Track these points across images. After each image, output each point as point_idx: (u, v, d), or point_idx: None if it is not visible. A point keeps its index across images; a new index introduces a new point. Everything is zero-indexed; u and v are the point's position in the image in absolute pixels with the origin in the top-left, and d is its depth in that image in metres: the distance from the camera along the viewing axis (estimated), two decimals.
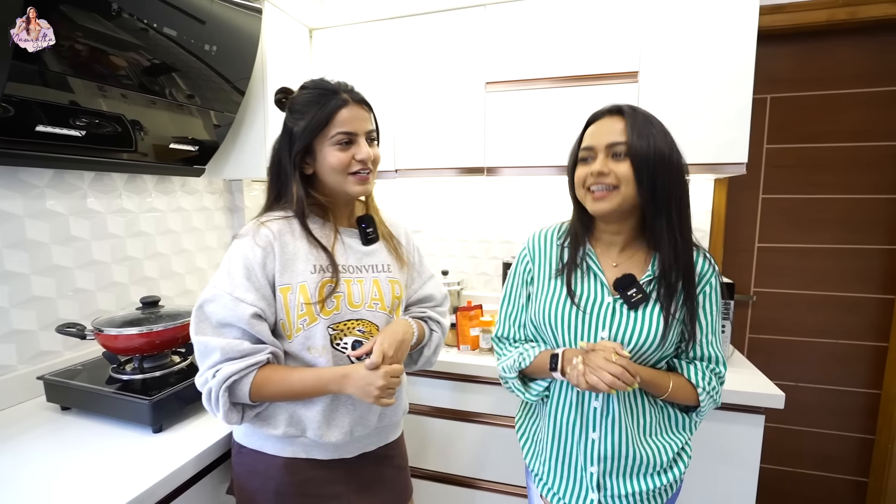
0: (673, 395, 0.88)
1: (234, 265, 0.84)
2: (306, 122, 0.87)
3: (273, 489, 0.89)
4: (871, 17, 1.58)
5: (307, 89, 0.91)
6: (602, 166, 0.83)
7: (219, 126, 1.49)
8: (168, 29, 1.14)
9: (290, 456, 0.90)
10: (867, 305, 1.80)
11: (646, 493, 0.90)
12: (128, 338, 1.05)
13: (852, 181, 1.76)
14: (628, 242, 0.91)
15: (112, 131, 1.17)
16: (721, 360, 0.91)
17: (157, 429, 0.98)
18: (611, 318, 0.86)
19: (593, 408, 0.88)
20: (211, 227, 1.73)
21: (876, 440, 1.84)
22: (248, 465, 0.91)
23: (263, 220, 0.89)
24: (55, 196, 1.21)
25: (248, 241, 0.86)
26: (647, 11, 1.45)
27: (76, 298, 1.26)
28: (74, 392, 1.06)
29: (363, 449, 0.96)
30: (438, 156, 1.72)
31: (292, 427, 0.87)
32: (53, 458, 0.89)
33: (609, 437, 0.87)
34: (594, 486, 0.90)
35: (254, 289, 0.83)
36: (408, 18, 1.69)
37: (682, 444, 0.92)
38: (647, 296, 0.85)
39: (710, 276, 0.89)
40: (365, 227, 0.97)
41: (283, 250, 0.86)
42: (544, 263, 0.95)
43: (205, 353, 0.81)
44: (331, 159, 0.88)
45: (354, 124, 0.88)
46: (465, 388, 1.50)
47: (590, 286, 0.89)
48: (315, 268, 0.87)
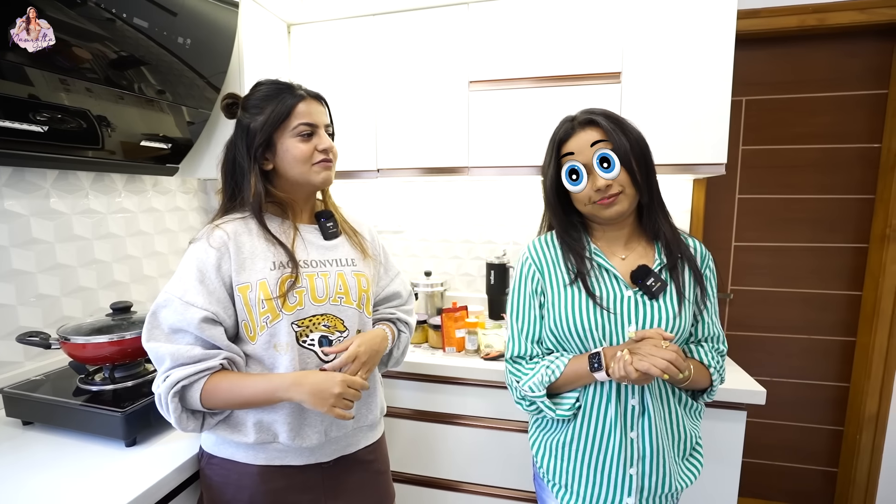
0: (694, 380, 0.86)
1: (187, 269, 0.82)
2: (266, 116, 0.87)
3: (247, 499, 0.86)
4: (838, 23, 1.64)
5: (262, 86, 0.91)
6: (603, 182, 0.84)
7: (193, 123, 1.42)
8: (138, 20, 1.09)
9: (264, 463, 0.87)
10: (837, 302, 1.87)
11: (676, 493, 0.91)
12: (97, 346, 0.99)
13: (823, 182, 1.82)
14: (631, 236, 0.93)
15: (76, 127, 1.10)
16: (722, 338, 0.94)
17: (130, 442, 0.93)
18: (634, 312, 0.86)
19: (631, 406, 0.87)
20: (185, 229, 1.66)
21: (845, 431, 1.91)
22: (219, 475, 0.87)
23: (218, 223, 0.87)
24: (14, 196, 1.14)
25: (202, 245, 0.84)
26: (630, 13, 1.46)
27: (39, 305, 1.18)
28: (38, 405, 0.99)
29: (341, 452, 0.94)
30: (421, 155, 1.69)
31: (263, 433, 0.84)
32: (15, 477, 0.83)
33: (648, 435, 0.86)
34: (632, 489, 0.88)
35: (206, 292, 0.80)
36: (390, 15, 1.66)
37: (697, 433, 0.95)
38: (665, 283, 0.86)
39: (709, 259, 0.94)
40: (325, 220, 0.97)
41: (240, 250, 0.84)
42: (554, 270, 0.93)
43: (157, 359, 0.80)
44: (294, 151, 0.88)
45: (315, 116, 0.90)
46: (451, 390, 1.48)
47: (607, 284, 0.88)
48: (274, 264, 0.85)
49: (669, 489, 0.89)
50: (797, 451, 1.97)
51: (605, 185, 0.84)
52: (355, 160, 1.74)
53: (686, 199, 1.84)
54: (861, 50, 1.72)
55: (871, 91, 1.73)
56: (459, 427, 1.49)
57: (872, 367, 1.78)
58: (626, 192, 0.85)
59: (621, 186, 0.85)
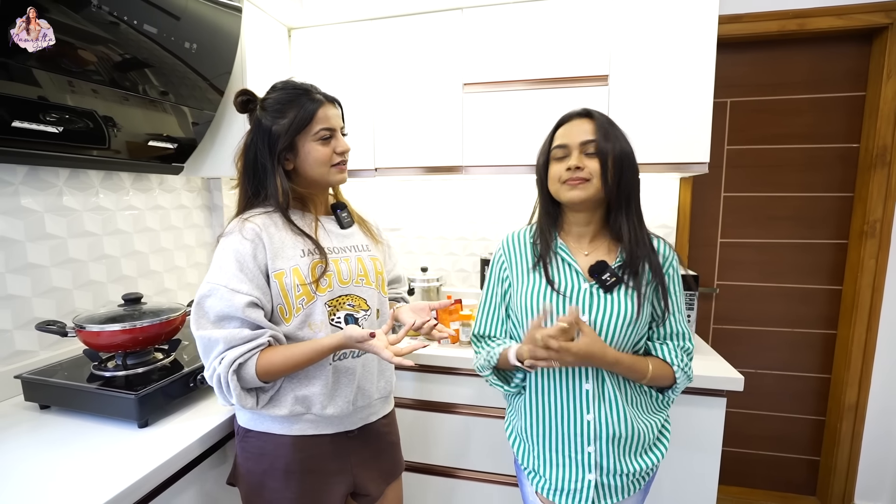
0: (654, 377, 0.93)
1: (225, 260, 0.88)
2: (289, 120, 0.93)
3: (282, 468, 0.94)
4: (817, 28, 1.71)
5: (279, 90, 0.97)
6: (577, 161, 0.91)
7: (197, 124, 1.48)
8: (148, 26, 1.15)
9: (298, 434, 0.95)
10: (818, 296, 1.94)
11: (637, 472, 0.96)
12: (111, 334, 1.05)
13: (805, 180, 1.89)
14: (596, 233, 0.99)
15: (84, 127, 1.15)
16: (688, 336, 0.99)
17: (142, 424, 0.99)
18: (588, 302, 0.93)
19: (585, 390, 0.93)
20: (189, 226, 1.72)
21: (826, 421, 1.98)
22: (256, 447, 0.96)
23: (246, 217, 0.94)
24: (30, 193, 1.19)
25: (235, 237, 0.90)
26: (617, 18, 1.53)
27: (52, 297, 1.24)
28: (55, 390, 1.05)
29: (365, 420, 1.04)
30: (417, 155, 1.76)
31: (298, 405, 0.93)
32: (35, 456, 0.89)
33: (606, 417, 0.92)
34: (591, 466, 0.94)
35: (248, 279, 0.87)
36: (387, 20, 1.72)
37: (662, 421, 1.01)
38: (620, 279, 0.92)
39: (672, 260, 0.98)
40: (340, 211, 1.06)
41: (271, 240, 0.91)
42: (519, 261, 1.02)
43: (208, 346, 0.86)
44: (315, 154, 0.96)
45: (332, 121, 0.97)
46: (446, 380, 1.54)
47: (565, 275, 0.96)
48: (303, 252, 0.93)
49: (629, 468, 0.95)
50: (781, 441, 2.04)
51: (576, 165, 0.91)
52: (353, 160, 1.80)
53: (673, 196, 1.90)
54: (840, 54, 1.79)
55: (850, 93, 1.81)
56: (455, 415, 1.55)
57: (852, 359, 1.85)
58: (593, 182, 0.91)
59: (590, 175, 0.91)
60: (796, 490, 2.06)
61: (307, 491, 0.96)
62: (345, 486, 1.00)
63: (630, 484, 0.98)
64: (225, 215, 1.81)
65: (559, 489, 0.98)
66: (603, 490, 0.96)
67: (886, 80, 1.70)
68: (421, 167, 1.76)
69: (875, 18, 1.67)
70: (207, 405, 1.11)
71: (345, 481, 1.00)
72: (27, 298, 1.19)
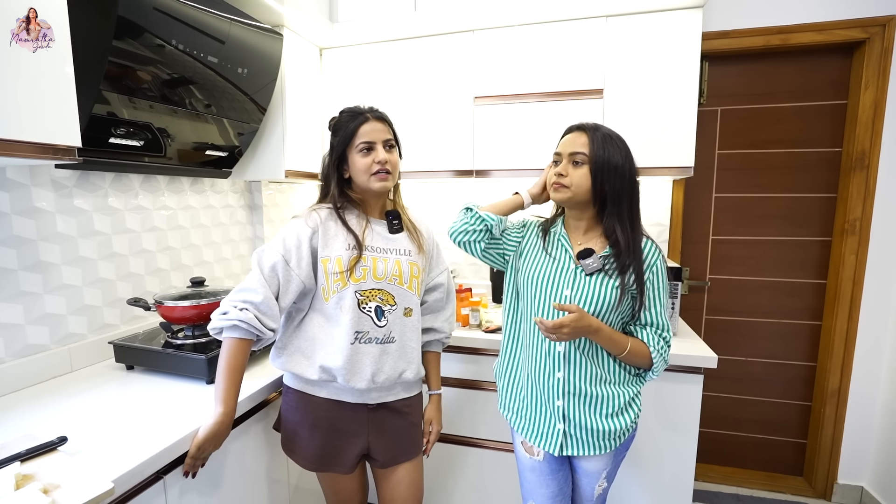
0: (631, 352, 1.08)
1: (288, 236, 1.11)
2: (340, 137, 1.15)
3: (311, 423, 1.16)
4: (799, 43, 1.86)
5: (342, 114, 1.18)
6: (563, 169, 1.10)
7: (242, 134, 1.72)
8: (211, 57, 1.39)
9: (325, 397, 1.16)
10: (804, 289, 2.09)
11: (603, 433, 1.12)
12: (183, 309, 1.30)
13: (791, 182, 2.04)
14: (589, 228, 1.16)
15: (155, 140, 1.38)
16: (666, 327, 1.12)
17: (210, 380, 1.23)
18: (573, 281, 1.11)
19: (558, 352, 1.12)
20: (234, 223, 1.97)
21: (812, 406, 2.12)
22: (293, 402, 1.18)
23: (316, 208, 1.17)
24: (114, 195, 1.45)
25: (301, 221, 1.13)
26: (610, 38, 1.72)
27: (129, 280, 1.50)
28: (140, 353, 1.30)
29: (382, 398, 1.18)
30: (433, 160, 1.97)
31: (324, 374, 1.12)
32: (125, 404, 1.14)
33: (572, 377, 1.11)
34: (560, 417, 1.14)
35: (296, 256, 1.09)
36: (406, 41, 1.95)
37: (633, 393, 1.15)
38: (600, 268, 1.09)
39: (656, 259, 1.11)
40: (391, 218, 1.22)
41: (326, 231, 1.13)
42: (534, 238, 1.22)
43: (250, 285, 1.06)
44: (357, 164, 1.14)
45: (373, 135, 1.14)
46: (455, 357, 1.75)
47: (560, 256, 1.15)
48: (349, 245, 1.13)
49: (595, 426, 1.11)
50: (770, 425, 2.19)
51: (560, 173, 1.10)
52: None
53: (667, 197, 2.08)
54: (822, 65, 1.94)
55: (832, 101, 1.95)
56: (467, 390, 1.76)
57: (834, 347, 2.00)
58: (573, 189, 1.08)
59: (570, 182, 1.08)
60: (784, 470, 2.20)
61: (328, 444, 1.16)
62: (359, 447, 1.18)
63: (598, 442, 1.13)
64: (264, 214, 2.05)
65: (534, 431, 1.18)
66: (571, 440, 1.15)
67: (864, 89, 1.84)
68: (436, 171, 1.98)
69: (852, 34, 1.81)
70: (260, 368, 1.35)
71: (360, 444, 1.18)
72: (112, 281, 1.44)
